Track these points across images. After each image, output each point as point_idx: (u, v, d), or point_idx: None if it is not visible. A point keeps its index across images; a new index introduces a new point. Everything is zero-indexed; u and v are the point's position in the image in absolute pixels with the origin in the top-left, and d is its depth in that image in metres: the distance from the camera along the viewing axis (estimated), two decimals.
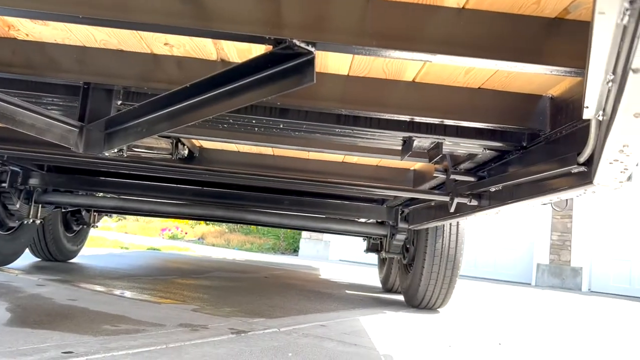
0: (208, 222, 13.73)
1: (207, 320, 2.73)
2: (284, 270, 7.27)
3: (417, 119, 1.89)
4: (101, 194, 4.47)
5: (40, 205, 4.08)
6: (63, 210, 4.79)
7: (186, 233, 14.74)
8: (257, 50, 1.60)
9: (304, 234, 13.10)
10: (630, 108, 0.81)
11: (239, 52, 1.68)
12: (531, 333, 3.53)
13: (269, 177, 2.87)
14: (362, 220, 4.82)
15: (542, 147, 1.88)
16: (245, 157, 3.25)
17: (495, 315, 4.43)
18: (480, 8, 1.29)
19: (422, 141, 2.08)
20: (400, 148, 2.22)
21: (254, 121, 1.96)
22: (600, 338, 3.63)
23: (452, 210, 2.57)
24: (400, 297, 4.59)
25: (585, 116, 1.10)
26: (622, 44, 0.72)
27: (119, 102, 1.90)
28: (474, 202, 2.48)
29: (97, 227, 5.64)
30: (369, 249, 5.32)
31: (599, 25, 0.70)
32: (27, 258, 5.02)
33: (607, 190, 1.43)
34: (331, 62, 1.74)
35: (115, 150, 1.89)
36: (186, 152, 2.82)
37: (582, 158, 1.44)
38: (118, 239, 10.87)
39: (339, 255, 12.59)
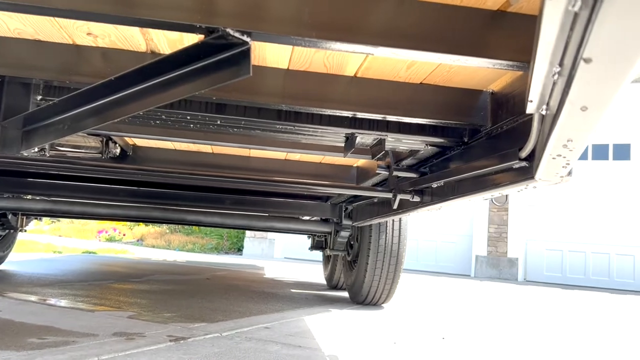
0: (147, 223, 13.29)
1: (144, 327, 2.59)
2: (227, 271, 7.12)
3: (360, 115, 1.85)
4: (29, 196, 4.18)
5: None
6: None
7: (124, 235, 14.20)
8: (190, 40, 1.49)
9: (248, 232, 12.92)
10: (578, 101, 0.78)
11: (170, 42, 1.57)
12: (473, 325, 3.59)
13: (208, 176, 2.75)
14: (307, 217, 4.77)
15: (483, 143, 1.88)
16: (182, 155, 3.11)
17: (438, 308, 4.49)
18: None
19: (365, 137, 2.04)
20: (343, 145, 2.18)
21: (188, 117, 1.85)
22: (538, 325, 3.74)
23: (395, 207, 2.55)
24: (345, 294, 4.58)
25: (528, 110, 1.08)
26: (571, 33, 0.69)
27: (39, 97, 1.74)
28: (417, 199, 2.47)
29: (25, 231, 5.29)
30: (314, 247, 5.28)
31: (549, 12, 0.66)
32: None
33: (548, 185, 1.43)
34: (270, 55, 1.66)
35: (36, 150, 1.74)
36: (118, 150, 2.66)
37: (524, 153, 1.43)
38: (51, 243, 10.34)
39: (284, 253, 12.52)
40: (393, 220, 3.82)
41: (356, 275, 4.07)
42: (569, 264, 9.70)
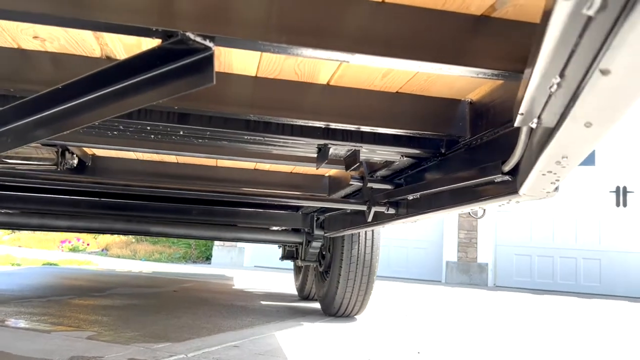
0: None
1: (104, 349, 2.42)
2: (195, 282, 6.92)
3: (333, 125, 1.74)
4: None
5: None
6: None
7: (88, 244, 13.74)
8: (149, 46, 1.37)
9: (217, 241, 12.66)
10: (582, 116, 0.69)
11: (127, 48, 1.44)
12: (447, 337, 3.52)
13: (173, 188, 2.61)
14: (277, 228, 4.64)
15: (461, 154, 1.81)
16: (145, 165, 2.95)
17: (411, 319, 4.42)
18: (402, 2, 1.15)
19: (338, 149, 1.94)
20: (315, 156, 2.07)
21: (148, 127, 1.72)
22: (511, 333, 3.70)
23: (369, 219, 2.46)
24: (317, 305, 4.46)
25: (517, 124, 0.99)
26: (579, 40, 0.60)
27: None
28: (392, 211, 2.38)
29: None
30: (285, 257, 5.15)
31: (558, 17, 0.57)
32: None
33: (533, 200, 1.36)
34: (237, 61, 1.54)
35: None
36: (76, 161, 2.49)
37: (507, 167, 1.35)
38: (10, 254, 9.91)
39: (254, 262, 12.31)
40: (366, 231, 3.73)
41: (328, 287, 3.97)
42: (537, 268, 9.80)
